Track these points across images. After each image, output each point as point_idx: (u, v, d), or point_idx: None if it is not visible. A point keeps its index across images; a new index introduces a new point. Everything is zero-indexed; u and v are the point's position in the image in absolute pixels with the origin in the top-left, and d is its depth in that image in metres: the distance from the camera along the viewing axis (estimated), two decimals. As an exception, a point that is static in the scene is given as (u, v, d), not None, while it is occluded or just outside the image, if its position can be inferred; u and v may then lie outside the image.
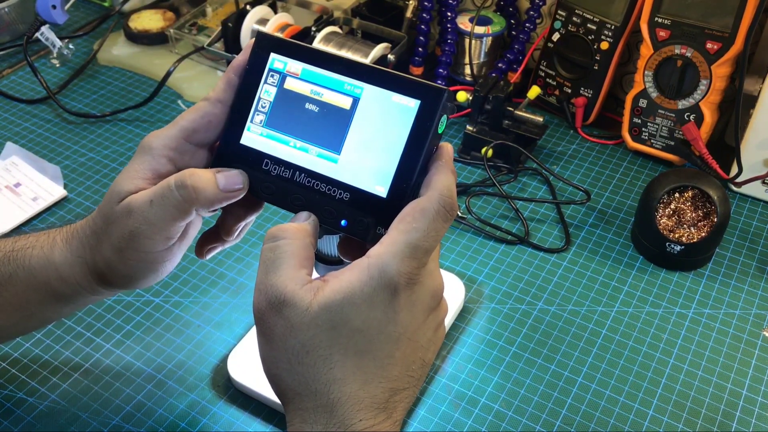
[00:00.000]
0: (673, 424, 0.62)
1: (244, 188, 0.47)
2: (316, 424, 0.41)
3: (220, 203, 0.46)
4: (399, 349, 0.42)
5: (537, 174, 0.87)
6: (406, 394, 0.43)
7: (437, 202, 0.42)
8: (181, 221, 0.46)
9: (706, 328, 0.70)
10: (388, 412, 0.42)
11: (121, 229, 0.46)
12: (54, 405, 0.62)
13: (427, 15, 0.97)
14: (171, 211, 0.45)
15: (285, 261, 0.42)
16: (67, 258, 0.49)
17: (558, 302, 0.72)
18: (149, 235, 0.46)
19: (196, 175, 0.45)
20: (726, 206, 0.72)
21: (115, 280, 0.48)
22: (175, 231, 0.46)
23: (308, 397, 0.41)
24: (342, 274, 0.41)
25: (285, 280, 0.41)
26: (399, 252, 0.41)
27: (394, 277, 0.41)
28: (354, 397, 0.41)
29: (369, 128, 0.45)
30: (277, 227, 0.44)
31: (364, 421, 0.41)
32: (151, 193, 0.45)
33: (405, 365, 0.43)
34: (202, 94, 0.96)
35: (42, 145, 0.90)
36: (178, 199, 0.45)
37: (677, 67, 0.82)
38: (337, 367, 0.41)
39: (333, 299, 0.41)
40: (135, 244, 0.46)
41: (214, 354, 0.66)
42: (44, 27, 0.98)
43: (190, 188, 0.45)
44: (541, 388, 0.65)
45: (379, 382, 0.42)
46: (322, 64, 0.46)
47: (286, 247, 0.42)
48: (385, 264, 0.41)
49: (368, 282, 0.41)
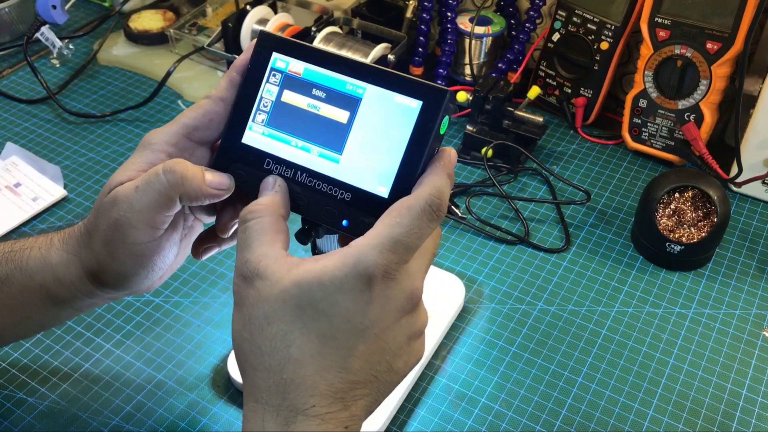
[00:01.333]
0: (673, 424, 0.62)
1: (229, 191, 0.47)
2: (269, 405, 0.40)
3: (204, 198, 0.46)
4: (364, 343, 0.41)
5: (537, 174, 0.87)
6: (368, 392, 0.42)
7: (425, 200, 0.42)
8: (166, 209, 0.45)
9: (706, 328, 0.70)
10: (346, 403, 0.41)
11: (107, 219, 0.46)
12: (54, 405, 0.62)
13: (427, 15, 0.97)
14: (156, 197, 0.45)
15: (257, 238, 0.42)
16: (63, 258, 0.49)
17: (558, 302, 0.72)
18: (134, 223, 0.45)
19: (185, 164, 0.45)
20: (726, 206, 0.73)
21: (106, 277, 0.48)
22: (160, 220, 0.46)
23: (262, 372, 0.41)
24: (320, 258, 0.41)
25: (258, 255, 0.42)
26: (379, 244, 0.41)
27: (369, 267, 0.40)
28: (309, 381, 0.40)
29: (371, 128, 0.45)
30: (246, 208, 0.44)
31: (317, 407, 0.40)
32: (138, 180, 0.46)
33: (369, 362, 0.42)
34: (202, 94, 0.96)
35: (42, 145, 0.90)
36: (164, 184, 0.45)
37: (677, 67, 0.82)
38: (295, 345, 0.40)
39: (304, 277, 0.40)
40: (120, 234, 0.46)
41: (214, 354, 0.66)
42: (44, 27, 0.98)
43: (178, 174, 0.45)
44: (541, 388, 0.65)
45: (338, 372, 0.41)
46: (325, 63, 0.46)
47: (255, 226, 0.43)
48: (362, 254, 0.40)
49: (342, 268, 0.40)
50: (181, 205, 0.46)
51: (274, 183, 0.46)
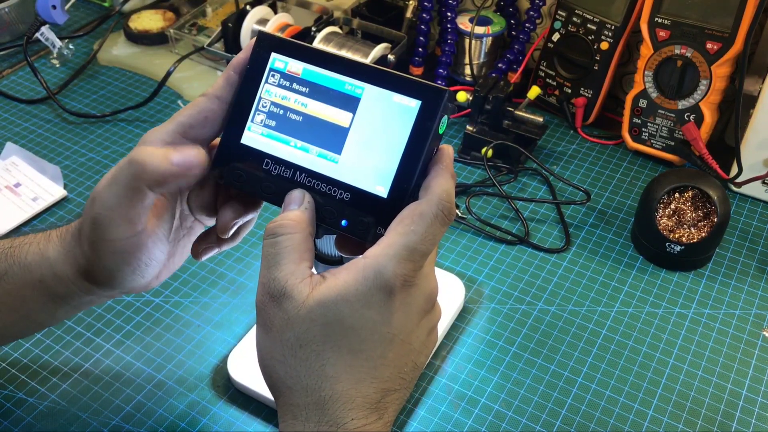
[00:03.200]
0: (673, 424, 0.62)
1: (200, 165, 0.46)
2: (308, 421, 0.41)
3: (173, 179, 0.45)
4: (392, 351, 0.42)
5: (537, 174, 0.87)
6: (398, 396, 0.43)
7: (436, 205, 0.42)
8: (137, 201, 0.45)
9: (706, 328, 0.70)
10: (380, 412, 0.42)
11: (88, 217, 0.46)
12: (54, 405, 0.62)
13: (427, 15, 0.97)
14: (123, 191, 0.45)
15: (285, 256, 0.42)
16: (61, 253, 0.50)
17: (558, 302, 0.72)
18: (110, 219, 0.45)
19: (147, 150, 0.45)
20: (726, 206, 0.72)
21: (96, 275, 0.48)
22: (134, 214, 0.46)
23: (299, 392, 0.41)
24: (339, 273, 0.42)
25: (286, 274, 0.42)
26: (396, 254, 0.41)
27: (390, 279, 0.41)
28: (346, 396, 0.41)
29: (370, 128, 0.44)
30: (276, 222, 0.44)
31: (356, 420, 0.41)
32: (108, 175, 0.46)
33: (397, 367, 0.43)
34: (202, 94, 0.96)
35: (42, 145, 0.90)
36: (128, 176, 0.44)
37: (677, 67, 0.82)
38: (329, 364, 0.41)
39: (328, 296, 0.41)
40: (100, 232, 0.46)
41: (214, 354, 0.66)
42: (44, 27, 0.98)
43: (139, 163, 0.44)
44: (541, 389, 0.65)
45: (371, 382, 0.42)
46: (323, 63, 0.46)
47: (285, 242, 0.43)
48: (381, 265, 0.41)
49: (363, 282, 0.41)
50: (154, 194, 0.46)
51: (302, 198, 0.45)
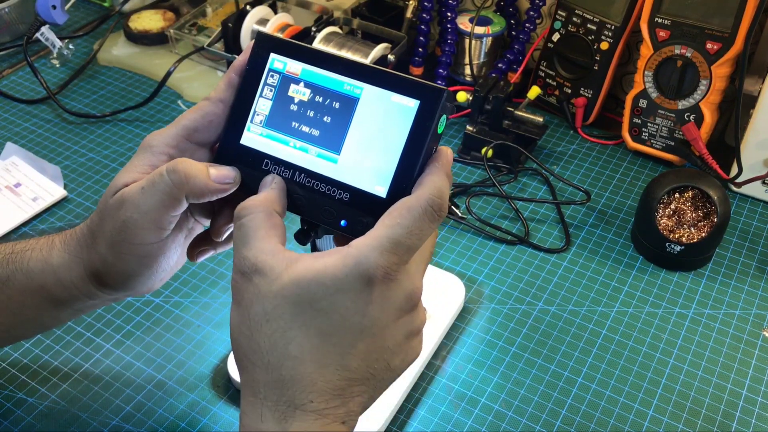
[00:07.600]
0: (673, 424, 0.62)
1: (235, 183, 0.47)
2: (267, 399, 0.41)
3: (211, 194, 0.46)
4: (363, 342, 0.42)
5: (537, 174, 0.87)
6: (365, 389, 0.42)
7: (426, 200, 0.42)
8: (172, 209, 0.46)
9: (706, 328, 0.70)
10: (344, 399, 0.41)
11: (114, 220, 0.46)
12: (54, 405, 0.62)
13: (427, 15, 0.97)
14: (161, 198, 0.45)
15: (252, 235, 0.43)
16: (65, 259, 0.49)
17: (558, 302, 0.72)
18: (141, 224, 0.46)
19: (188, 162, 0.45)
20: (726, 206, 0.72)
21: (110, 278, 0.48)
22: (166, 221, 0.46)
23: (261, 368, 0.41)
24: (320, 256, 0.41)
25: (255, 252, 0.42)
26: (379, 245, 0.41)
27: (370, 269, 0.40)
28: (308, 378, 0.41)
29: (368, 128, 0.45)
30: (239, 206, 0.44)
31: (315, 403, 0.40)
32: (143, 181, 0.46)
33: (367, 360, 0.42)
34: (202, 95, 0.96)
35: (42, 145, 0.90)
36: (168, 184, 0.45)
37: (677, 68, 0.82)
38: (295, 343, 0.41)
39: (304, 276, 0.41)
40: (127, 235, 0.46)
41: (214, 354, 0.66)
42: (44, 27, 0.98)
43: (182, 173, 0.45)
44: (541, 389, 0.65)
45: (336, 370, 0.41)
46: (322, 64, 0.46)
47: (250, 222, 0.43)
48: (363, 255, 0.41)
49: (342, 268, 0.40)
50: (187, 204, 0.46)
51: (272, 181, 0.46)
